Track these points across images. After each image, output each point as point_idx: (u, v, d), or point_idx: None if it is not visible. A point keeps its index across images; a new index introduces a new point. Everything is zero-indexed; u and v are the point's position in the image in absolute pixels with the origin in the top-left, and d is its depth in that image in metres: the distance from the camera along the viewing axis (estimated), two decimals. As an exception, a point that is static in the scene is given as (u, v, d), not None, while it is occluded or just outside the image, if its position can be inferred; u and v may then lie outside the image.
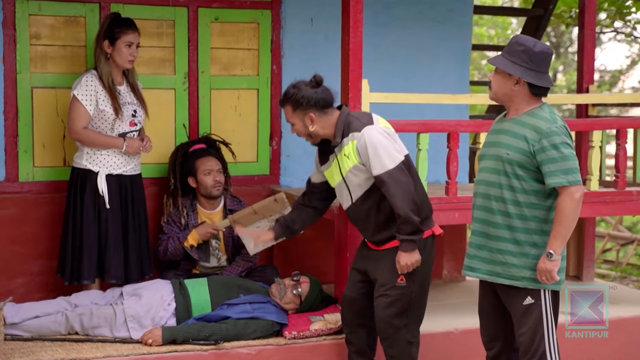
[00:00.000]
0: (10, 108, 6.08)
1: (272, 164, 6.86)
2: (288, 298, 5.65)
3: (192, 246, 6.08)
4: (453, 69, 7.41)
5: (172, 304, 5.52)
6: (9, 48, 6.05)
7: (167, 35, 6.48)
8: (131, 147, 5.73)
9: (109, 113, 5.67)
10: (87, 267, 5.68)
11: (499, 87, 4.55)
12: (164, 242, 6.15)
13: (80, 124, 5.65)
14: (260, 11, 6.71)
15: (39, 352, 5.08)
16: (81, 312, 5.44)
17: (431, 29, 7.30)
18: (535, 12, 8.67)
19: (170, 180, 6.29)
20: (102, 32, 5.73)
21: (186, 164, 6.25)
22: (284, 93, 5.14)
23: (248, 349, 5.36)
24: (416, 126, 5.79)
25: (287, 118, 5.14)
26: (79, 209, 5.70)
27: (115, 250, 5.72)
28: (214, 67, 6.62)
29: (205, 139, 6.44)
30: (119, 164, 5.76)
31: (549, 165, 4.39)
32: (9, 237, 6.13)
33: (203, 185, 6.19)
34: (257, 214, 5.93)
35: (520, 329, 4.57)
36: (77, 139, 5.68)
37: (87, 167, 5.70)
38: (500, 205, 4.50)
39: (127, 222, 5.81)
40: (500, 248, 4.51)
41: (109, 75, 5.70)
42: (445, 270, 7.49)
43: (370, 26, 7.06)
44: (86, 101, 5.62)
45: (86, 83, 5.65)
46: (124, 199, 5.80)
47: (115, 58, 5.72)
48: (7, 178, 6.12)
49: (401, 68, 7.21)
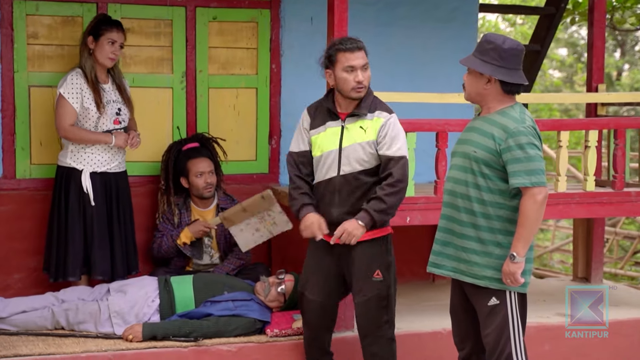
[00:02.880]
0: (7, 106, 6.19)
1: (272, 163, 6.88)
2: (272, 296, 5.66)
3: (184, 244, 6.13)
4: (459, 69, 7.27)
5: (156, 301, 5.57)
6: (7, 47, 6.16)
7: (165, 35, 6.54)
8: (119, 140, 5.80)
9: (93, 111, 5.75)
10: (72, 264, 5.78)
11: (472, 87, 4.53)
12: (157, 240, 6.21)
13: (68, 121, 5.73)
14: (259, 10, 6.74)
15: (20, 347, 5.17)
16: (67, 307, 5.52)
17: (436, 29, 7.25)
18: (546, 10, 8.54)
19: (161, 180, 6.33)
20: (88, 28, 5.83)
21: (178, 164, 6.30)
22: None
23: (228, 346, 5.39)
24: (404, 125, 5.72)
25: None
26: (64, 206, 5.79)
27: (100, 246, 5.80)
28: (212, 66, 6.66)
29: (198, 137, 6.48)
30: (103, 161, 5.83)
31: (513, 165, 4.34)
32: (6, 234, 6.23)
33: (195, 186, 6.24)
34: (247, 211, 5.98)
35: (485, 330, 4.53)
36: (65, 136, 5.76)
37: (71, 165, 5.79)
38: (465, 203, 4.47)
39: (112, 219, 5.88)
40: (465, 246, 4.49)
41: (91, 70, 5.78)
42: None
43: (373, 26, 7.08)
44: (72, 99, 5.71)
45: (71, 81, 5.74)
46: (109, 196, 5.87)
47: (97, 54, 5.79)
48: (5, 175, 6.23)
49: (405, 68, 7.17)
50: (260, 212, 5.97)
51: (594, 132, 6.14)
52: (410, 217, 5.80)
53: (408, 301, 6.65)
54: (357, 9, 6.94)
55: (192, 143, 6.41)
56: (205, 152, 6.38)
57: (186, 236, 6.13)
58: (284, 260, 6.82)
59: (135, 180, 6.48)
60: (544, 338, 6.03)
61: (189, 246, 6.18)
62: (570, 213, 6.30)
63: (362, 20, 7.00)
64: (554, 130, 6.51)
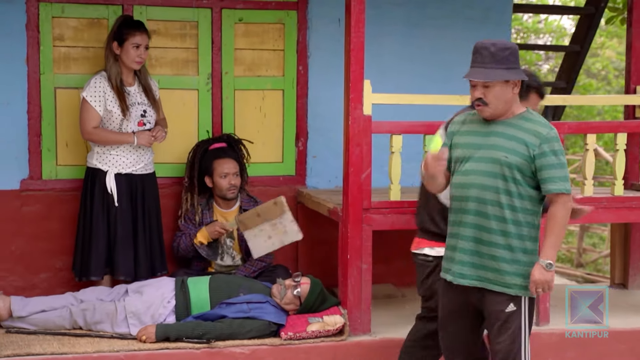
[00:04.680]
0: (34, 108, 6.27)
1: (298, 165, 6.85)
2: (288, 299, 5.63)
3: (201, 243, 6.13)
4: (491, 69, 7.20)
5: (172, 302, 5.58)
6: (33, 50, 6.24)
7: (191, 37, 6.56)
8: (142, 139, 5.84)
9: (117, 114, 5.79)
10: (95, 264, 5.84)
11: (500, 99, 4.33)
12: (177, 239, 6.25)
13: (90, 124, 5.79)
14: (285, 12, 6.71)
15: (34, 346, 5.22)
16: (85, 307, 5.57)
17: (468, 29, 7.13)
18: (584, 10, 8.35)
19: (185, 177, 6.34)
20: (112, 34, 5.85)
21: (204, 162, 6.31)
22: None
23: (242, 348, 5.37)
24: (423, 127, 5.68)
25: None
26: (89, 207, 5.86)
27: (123, 247, 5.84)
28: (238, 68, 6.66)
29: (226, 138, 6.48)
30: (129, 163, 5.88)
31: (548, 171, 4.27)
32: (32, 234, 6.32)
33: (218, 187, 6.25)
34: (260, 216, 5.98)
35: (499, 337, 4.41)
36: (89, 139, 5.83)
37: (97, 166, 5.85)
38: (496, 210, 4.34)
39: (137, 220, 5.93)
40: (494, 254, 4.35)
41: (117, 76, 5.82)
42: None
43: (403, 26, 7.01)
44: (95, 102, 5.76)
45: (95, 85, 5.79)
46: (134, 197, 5.92)
47: (123, 59, 5.83)
48: (31, 176, 6.31)
49: (436, 69, 7.08)
50: (273, 218, 5.95)
51: (622, 135, 5.99)
52: (429, 220, 5.70)
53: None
54: (386, 9, 6.92)
55: (220, 143, 6.41)
56: (232, 153, 6.38)
57: (203, 236, 6.14)
58: (311, 262, 6.79)
59: (161, 182, 6.50)
60: (567, 345, 5.88)
61: (205, 246, 6.18)
62: (597, 218, 6.15)
63: (391, 21, 6.96)
64: (580, 132, 6.36)
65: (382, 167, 6.07)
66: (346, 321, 5.54)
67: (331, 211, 5.92)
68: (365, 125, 5.51)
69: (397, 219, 5.68)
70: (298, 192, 6.79)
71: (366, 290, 5.63)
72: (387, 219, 5.67)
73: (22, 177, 6.30)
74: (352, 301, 5.61)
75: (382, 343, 5.60)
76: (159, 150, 6.37)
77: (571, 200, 4.30)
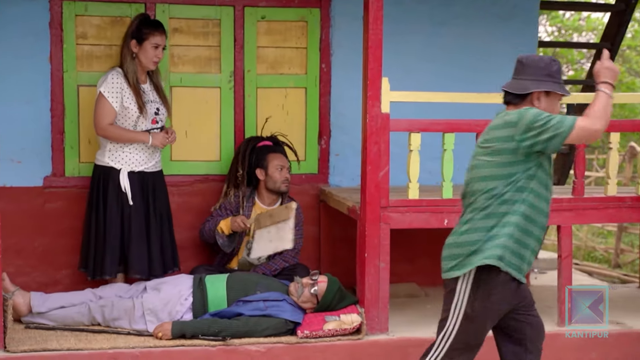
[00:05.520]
0: (57, 105, 6.32)
1: (321, 163, 6.83)
2: (305, 297, 5.61)
3: (222, 231, 6.13)
4: (518, 67, 7.12)
5: (189, 299, 5.58)
6: (56, 47, 6.29)
7: (213, 35, 6.56)
8: (156, 139, 5.84)
9: (133, 110, 5.79)
10: (109, 263, 5.83)
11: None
12: (205, 222, 6.28)
13: (106, 120, 5.78)
14: (308, 9, 6.70)
15: (51, 341, 5.25)
16: (103, 304, 5.59)
17: (494, 26, 7.07)
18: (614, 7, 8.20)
19: (237, 169, 6.36)
20: (130, 32, 5.86)
21: (257, 156, 6.32)
22: None
23: (257, 346, 5.35)
24: (441, 126, 5.63)
25: None
26: (102, 205, 5.85)
27: (138, 245, 5.84)
28: (260, 66, 6.66)
29: (272, 139, 6.50)
30: (141, 161, 5.88)
31: None
32: (55, 230, 6.37)
33: (272, 179, 6.26)
34: (272, 217, 5.99)
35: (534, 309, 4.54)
36: (103, 135, 5.82)
37: (109, 164, 5.84)
38: None
39: (150, 218, 5.92)
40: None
41: (134, 74, 5.83)
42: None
43: (427, 24, 6.96)
44: (112, 98, 5.76)
45: (112, 80, 5.79)
46: (146, 195, 5.92)
47: (141, 58, 5.84)
48: (54, 173, 6.36)
49: (462, 68, 7.02)
50: (280, 222, 5.94)
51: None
52: (448, 219, 5.65)
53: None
54: (411, 7, 6.88)
55: (267, 142, 6.43)
56: (282, 151, 6.42)
57: (226, 225, 6.14)
58: (334, 260, 6.78)
59: (183, 180, 6.55)
60: (591, 346, 5.80)
61: (225, 236, 6.17)
62: (621, 217, 6.06)
63: (416, 19, 6.92)
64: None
65: (404, 166, 6.02)
66: (363, 320, 5.51)
67: (350, 209, 5.89)
68: (383, 123, 5.47)
69: (415, 217, 5.64)
70: (320, 191, 6.77)
71: (384, 289, 5.59)
72: (406, 218, 5.62)
73: (45, 174, 6.35)
74: (370, 300, 5.57)
75: (399, 342, 5.55)
76: (180, 148, 6.40)
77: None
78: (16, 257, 6.27)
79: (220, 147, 6.64)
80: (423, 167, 6.08)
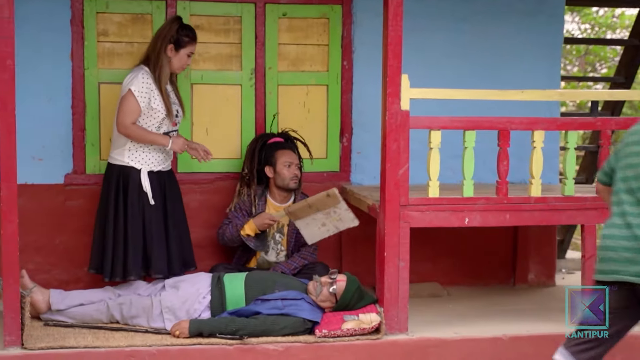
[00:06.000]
0: (78, 103, 6.33)
1: (343, 161, 6.79)
2: (324, 296, 5.57)
3: (248, 236, 6.10)
4: (542, 65, 7.05)
5: (207, 297, 5.56)
6: (77, 45, 6.29)
7: (234, 32, 6.54)
8: (176, 145, 5.80)
9: (160, 112, 5.74)
10: (132, 264, 5.75)
11: None
12: (223, 227, 6.24)
13: (131, 118, 5.73)
14: (330, 6, 6.65)
15: (69, 339, 5.24)
16: (121, 301, 5.58)
17: (518, 22, 6.98)
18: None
19: (244, 167, 6.33)
20: (169, 36, 5.79)
21: (266, 153, 6.29)
22: None
23: (275, 345, 5.32)
24: (462, 123, 5.57)
25: None
26: (122, 205, 5.79)
27: (158, 245, 5.81)
28: (281, 63, 6.62)
29: (283, 135, 6.46)
30: (159, 161, 5.86)
31: None
32: (76, 228, 6.38)
33: (281, 176, 6.22)
34: (311, 207, 5.91)
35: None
36: (125, 133, 5.76)
37: (129, 164, 5.79)
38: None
39: (168, 217, 5.89)
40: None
41: (167, 77, 5.81)
42: (531, 274, 7.14)
43: (450, 21, 6.90)
44: (141, 97, 5.69)
45: (143, 80, 5.73)
46: (164, 194, 5.89)
47: (174, 63, 5.81)
48: (75, 170, 6.37)
49: (484, 64, 6.94)
50: (326, 208, 5.88)
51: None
52: (469, 218, 5.59)
53: (482, 305, 6.45)
54: (432, 4, 6.81)
55: (278, 138, 6.40)
56: (293, 148, 6.38)
57: (250, 228, 6.09)
58: (355, 259, 6.74)
59: (204, 177, 6.54)
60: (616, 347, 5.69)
61: (254, 238, 6.14)
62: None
63: (438, 15, 6.86)
64: (626, 128, 6.13)
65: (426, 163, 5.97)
66: (382, 320, 5.46)
67: (370, 207, 5.84)
68: (403, 120, 5.42)
69: (435, 216, 5.58)
70: (342, 189, 6.72)
71: (403, 288, 5.53)
72: (425, 216, 5.56)
73: (66, 172, 6.36)
74: (389, 299, 5.52)
75: (419, 342, 5.50)
76: (201, 145, 6.37)
77: None
78: (37, 255, 6.29)
79: (241, 145, 6.60)
80: (446, 165, 6.05)
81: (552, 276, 7.25)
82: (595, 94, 7.93)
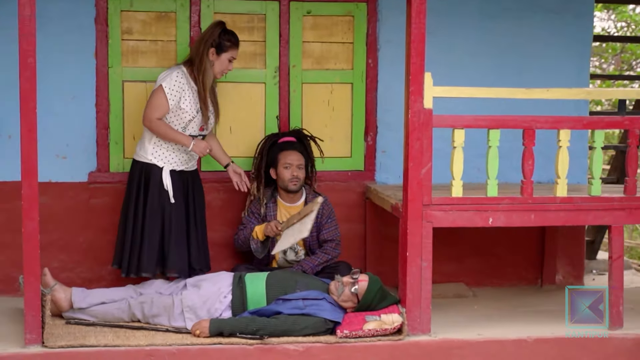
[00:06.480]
0: (102, 101, 6.33)
1: (367, 160, 6.73)
2: (345, 296, 5.52)
3: (257, 237, 6.07)
4: (571, 62, 6.96)
5: (228, 297, 5.53)
6: (101, 43, 6.29)
7: (258, 30, 6.51)
8: (198, 147, 5.80)
9: (188, 113, 5.76)
10: (146, 260, 5.79)
11: None
12: (239, 232, 6.21)
13: (157, 114, 5.74)
14: (355, 4, 6.60)
15: (89, 337, 5.23)
16: (143, 300, 5.58)
17: (546, 20, 6.89)
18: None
19: (252, 167, 6.33)
20: (211, 40, 5.81)
21: (271, 154, 6.27)
22: None
23: (295, 345, 5.28)
24: (486, 122, 5.49)
25: None
26: (142, 202, 5.82)
27: (177, 244, 5.80)
28: (305, 61, 6.58)
29: (295, 133, 6.42)
30: (183, 161, 5.87)
31: None
32: (100, 226, 6.38)
33: (281, 178, 6.19)
34: (300, 214, 5.93)
35: None
36: (149, 126, 5.77)
37: (152, 161, 5.82)
38: None
39: (189, 217, 5.89)
40: None
41: (210, 81, 5.83)
42: (559, 275, 7.05)
43: (477, 19, 6.83)
44: (171, 95, 5.71)
45: (176, 79, 5.75)
46: (186, 194, 5.90)
47: (215, 67, 5.84)
48: (99, 169, 6.37)
49: (513, 62, 6.86)
50: (304, 217, 5.85)
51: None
52: (492, 218, 5.52)
53: (508, 306, 6.38)
54: (459, 1, 6.77)
55: (289, 137, 6.36)
56: (299, 147, 6.32)
57: (260, 230, 6.07)
58: (380, 259, 6.69)
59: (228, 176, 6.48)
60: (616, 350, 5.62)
61: (260, 242, 6.10)
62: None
63: (465, 13, 6.79)
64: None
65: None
66: (404, 320, 5.40)
67: (394, 207, 5.79)
68: (426, 119, 5.36)
69: (458, 216, 5.51)
70: (366, 188, 6.67)
71: (426, 288, 5.47)
72: (449, 216, 5.50)
73: (90, 170, 6.37)
74: (411, 300, 5.46)
75: (441, 343, 5.43)
76: (224, 144, 6.34)
77: None
78: (60, 253, 6.32)
79: (264, 143, 6.57)
80: (471, 164, 5.99)
81: (581, 277, 7.15)
82: (623, 92, 7.82)
